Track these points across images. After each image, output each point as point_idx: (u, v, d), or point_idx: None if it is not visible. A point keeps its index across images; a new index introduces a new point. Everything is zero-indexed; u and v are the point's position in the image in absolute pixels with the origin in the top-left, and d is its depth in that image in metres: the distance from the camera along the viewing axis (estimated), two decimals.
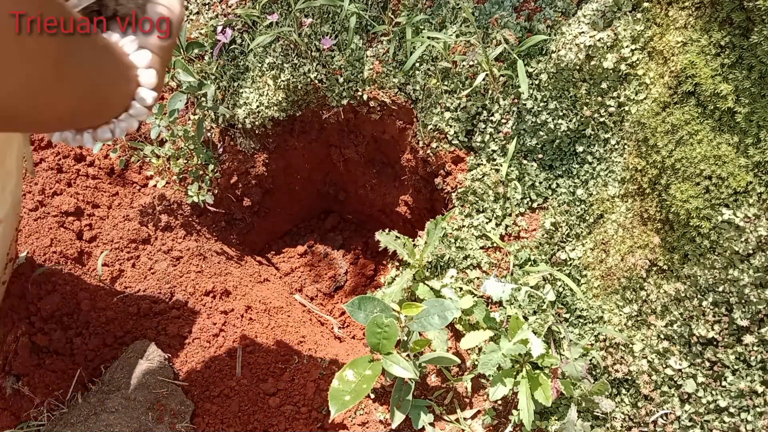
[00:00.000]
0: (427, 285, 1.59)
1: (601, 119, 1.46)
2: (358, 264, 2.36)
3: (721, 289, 1.17)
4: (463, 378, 1.53)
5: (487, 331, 1.45)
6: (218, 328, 1.70)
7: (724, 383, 1.17)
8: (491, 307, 1.58)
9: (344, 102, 1.92)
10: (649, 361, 1.31)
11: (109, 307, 1.70)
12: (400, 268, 1.78)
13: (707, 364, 1.21)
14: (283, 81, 1.91)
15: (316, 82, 1.90)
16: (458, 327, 1.55)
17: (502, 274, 1.58)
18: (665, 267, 1.29)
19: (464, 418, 1.50)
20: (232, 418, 1.50)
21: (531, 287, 1.48)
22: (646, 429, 1.30)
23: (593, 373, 1.41)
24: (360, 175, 2.34)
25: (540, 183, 1.60)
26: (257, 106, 1.98)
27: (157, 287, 1.76)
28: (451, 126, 1.70)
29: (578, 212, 1.53)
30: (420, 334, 1.49)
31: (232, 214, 2.25)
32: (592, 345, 1.43)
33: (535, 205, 1.61)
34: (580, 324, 1.48)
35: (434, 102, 1.72)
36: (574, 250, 1.53)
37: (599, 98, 1.45)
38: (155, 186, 2.06)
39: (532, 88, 1.55)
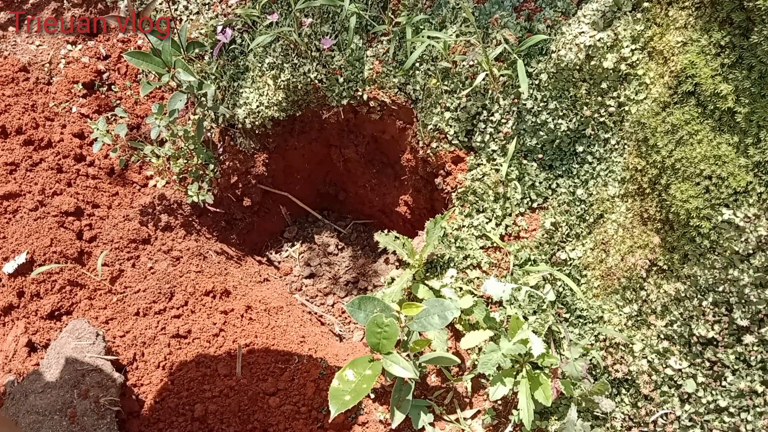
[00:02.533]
0: (427, 285, 1.59)
1: (601, 119, 1.46)
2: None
3: (721, 289, 1.17)
4: (463, 378, 1.53)
5: (487, 331, 1.45)
6: (218, 328, 1.70)
7: (724, 383, 1.17)
8: (491, 307, 1.58)
9: (344, 102, 1.92)
10: (649, 361, 1.31)
11: (109, 306, 1.70)
12: (400, 268, 1.78)
13: (707, 364, 1.21)
14: (283, 81, 1.91)
15: (316, 82, 1.90)
16: (458, 327, 1.55)
17: (502, 274, 1.58)
18: (665, 267, 1.29)
19: (464, 418, 1.50)
20: (231, 418, 1.50)
21: (531, 287, 1.48)
22: (646, 429, 1.30)
23: (593, 373, 1.41)
24: (360, 174, 2.33)
25: (540, 183, 1.60)
26: (257, 106, 1.98)
27: (157, 287, 1.76)
28: (451, 126, 1.70)
29: (578, 212, 1.53)
30: (420, 334, 1.49)
31: (232, 214, 2.25)
32: (592, 345, 1.43)
33: (535, 205, 1.61)
34: (580, 324, 1.48)
35: (434, 102, 1.72)
36: (574, 250, 1.53)
37: (599, 98, 1.45)
38: (155, 186, 2.06)
39: (532, 88, 1.55)
